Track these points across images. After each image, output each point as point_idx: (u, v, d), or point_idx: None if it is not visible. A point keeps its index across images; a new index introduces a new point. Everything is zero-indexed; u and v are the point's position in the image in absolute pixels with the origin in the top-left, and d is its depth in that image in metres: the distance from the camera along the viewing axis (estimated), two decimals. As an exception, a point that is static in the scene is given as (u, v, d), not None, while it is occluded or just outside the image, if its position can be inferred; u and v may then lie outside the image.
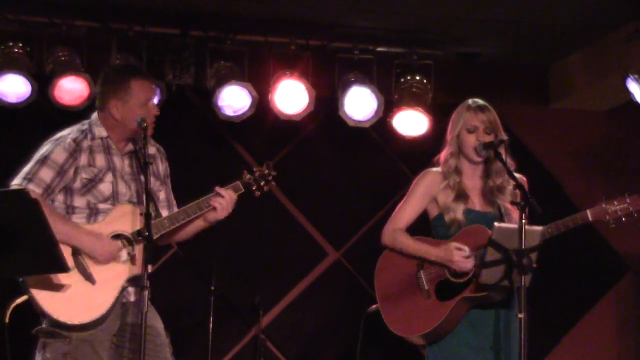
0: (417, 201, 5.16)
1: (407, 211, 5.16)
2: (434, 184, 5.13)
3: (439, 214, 5.12)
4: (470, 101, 5.14)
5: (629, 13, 6.89)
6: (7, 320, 5.80)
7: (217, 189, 4.89)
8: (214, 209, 4.86)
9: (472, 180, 5.13)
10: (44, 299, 4.63)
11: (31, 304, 4.67)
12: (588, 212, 5.04)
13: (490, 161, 5.10)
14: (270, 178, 5.05)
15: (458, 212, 5.04)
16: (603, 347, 8.16)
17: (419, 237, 5.14)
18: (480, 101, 5.14)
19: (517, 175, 4.94)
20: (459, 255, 4.93)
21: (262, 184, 5.02)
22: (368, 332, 6.12)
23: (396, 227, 5.14)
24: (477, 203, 5.10)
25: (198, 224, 5.00)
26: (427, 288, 5.04)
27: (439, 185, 5.11)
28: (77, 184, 4.79)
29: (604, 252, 8.16)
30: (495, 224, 4.87)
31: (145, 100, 4.85)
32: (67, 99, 7.04)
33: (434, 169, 5.19)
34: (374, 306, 5.32)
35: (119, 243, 4.74)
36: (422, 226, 5.23)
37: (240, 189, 4.95)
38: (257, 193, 5.03)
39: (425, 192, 5.15)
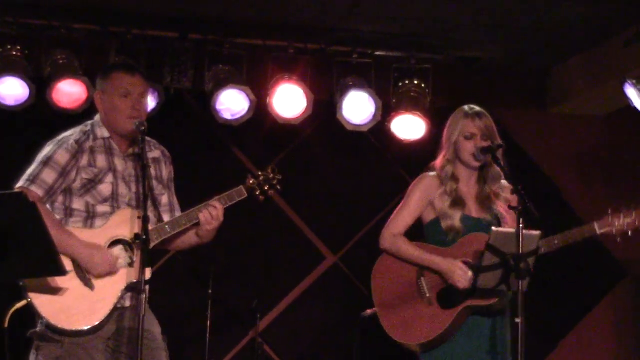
0: (415, 206, 5.13)
1: (405, 216, 5.13)
2: (431, 188, 5.12)
3: (434, 219, 5.10)
4: (466, 107, 5.12)
5: (628, 18, 6.90)
6: (6, 324, 5.79)
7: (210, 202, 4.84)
8: (198, 221, 4.82)
9: (468, 186, 5.13)
10: (42, 304, 4.61)
11: (30, 308, 4.65)
12: (595, 225, 5.02)
13: (487, 167, 5.10)
14: (275, 182, 5.00)
15: (455, 219, 5.02)
16: (599, 352, 8.16)
17: (417, 242, 5.11)
18: (476, 107, 5.12)
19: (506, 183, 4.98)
20: (461, 273, 4.90)
21: (266, 188, 4.97)
22: (364, 336, 6.10)
23: (395, 232, 5.11)
24: (473, 209, 5.09)
25: (191, 238, 4.98)
26: (428, 295, 5.02)
27: (436, 189, 5.10)
28: (77, 184, 4.77)
29: (601, 257, 8.15)
30: (493, 228, 4.86)
31: (124, 91, 4.80)
32: (65, 102, 7.03)
33: (431, 173, 5.17)
34: (369, 310, 5.28)
35: (115, 252, 4.71)
36: (417, 231, 5.22)
37: (243, 193, 4.90)
38: (261, 198, 4.96)
39: (422, 196, 5.12)
